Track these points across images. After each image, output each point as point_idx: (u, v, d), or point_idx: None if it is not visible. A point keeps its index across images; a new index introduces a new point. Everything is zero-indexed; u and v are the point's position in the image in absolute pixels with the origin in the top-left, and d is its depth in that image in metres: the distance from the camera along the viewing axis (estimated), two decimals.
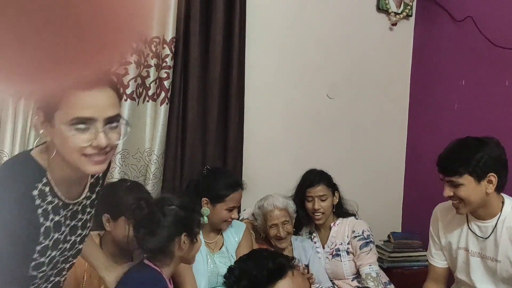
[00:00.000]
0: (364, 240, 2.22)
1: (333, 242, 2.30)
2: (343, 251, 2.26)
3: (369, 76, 2.92)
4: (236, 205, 2.10)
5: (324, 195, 2.29)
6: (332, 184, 2.34)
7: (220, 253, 2.09)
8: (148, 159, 2.33)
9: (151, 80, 2.30)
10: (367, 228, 2.27)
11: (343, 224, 2.31)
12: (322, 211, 2.28)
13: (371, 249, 2.22)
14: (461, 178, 1.76)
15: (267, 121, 2.66)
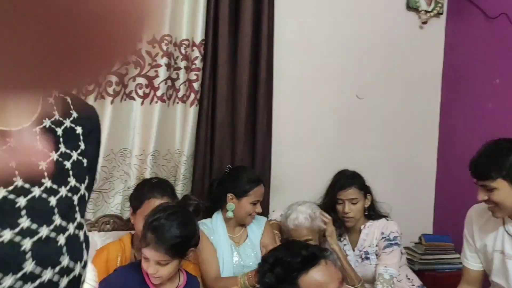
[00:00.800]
0: (389, 241, 2.16)
1: (363, 245, 2.25)
2: (372, 253, 2.21)
3: (399, 76, 2.88)
4: (259, 199, 2.16)
5: (355, 198, 2.23)
6: (364, 186, 2.28)
7: (245, 245, 2.19)
8: (178, 160, 2.37)
9: (181, 82, 2.33)
10: (396, 229, 2.21)
11: (374, 227, 2.26)
12: (352, 215, 2.23)
13: (392, 250, 2.14)
14: (494, 182, 1.72)
15: (295, 122, 2.66)
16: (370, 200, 2.29)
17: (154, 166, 2.30)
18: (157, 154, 2.31)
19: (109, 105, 2.19)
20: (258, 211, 2.17)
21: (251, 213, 2.15)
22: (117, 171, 2.28)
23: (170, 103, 2.34)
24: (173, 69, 2.32)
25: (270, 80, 2.48)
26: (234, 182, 2.19)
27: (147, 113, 2.27)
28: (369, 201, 2.28)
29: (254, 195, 2.14)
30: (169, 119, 2.34)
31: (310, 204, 2.31)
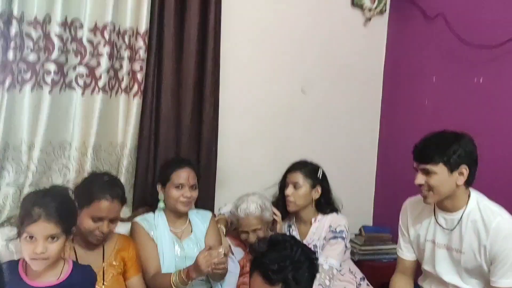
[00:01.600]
0: (334, 233, 2.21)
1: (312, 238, 2.28)
2: (319, 247, 2.24)
3: (343, 72, 2.95)
4: (184, 183, 2.10)
5: (297, 183, 2.25)
6: (313, 176, 2.28)
7: (188, 239, 2.16)
8: (120, 153, 2.31)
9: (124, 72, 2.27)
10: (344, 223, 2.24)
11: (324, 220, 2.28)
12: (292, 199, 2.25)
13: (336, 242, 2.18)
14: (436, 166, 1.81)
15: (242, 116, 2.67)
16: (319, 193, 2.29)
17: (95, 159, 2.24)
18: (99, 147, 2.25)
19: (47, 95, 2.10)
20: (187, 195, 2.10)
21: (177, 198, 2.10)
22: (56, 164, 2.19)
23: (113, 94, 2.28)
24: (116, 59, 2.26)
25: (216, 72, 2.46)
26: (160, 172, 2.22)
27: (88, 104, 2.20)
28: (318, 194, 2.29)
29: (176, 178, 2.10)
30: (111, 110, 2.27)
31: (261, 195, 2.33)
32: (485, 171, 1.98)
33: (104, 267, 1.91)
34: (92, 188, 1.84)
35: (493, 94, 2.48)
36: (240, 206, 2.25)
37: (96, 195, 1.81)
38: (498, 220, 1.80)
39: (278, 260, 1.30)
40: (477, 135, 1.92)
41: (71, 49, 2.16)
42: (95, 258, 1.91)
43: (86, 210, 1.80)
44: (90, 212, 1.80)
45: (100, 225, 1.81)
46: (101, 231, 1.81)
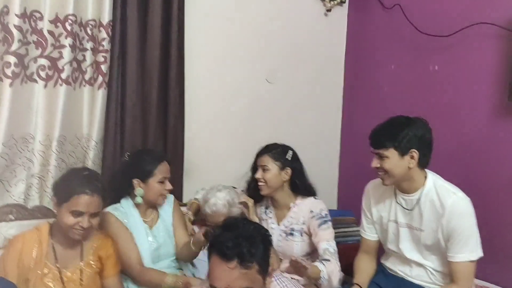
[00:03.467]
0: (323, 218, 2.21)
1: (290, 222, 2.27)
2: (297, 231, 2.24)
3: (306, 61, 3.01)
4: (166, 176, 2.13)
5: (266, 166, 2.23)
6: (281, 158, 2.26)
7: (157, 227, 2.18)
8: (86, 145, 2.30)
9: (88, 64, 2.25)
10: (324, 207, 2.26)
11: (303, 205, 2.27)
12: (262, 182, 2.24)
13: (328, 227, 2.19)
14: (387, 151, 1.92)
15: (208, 106, 2.68)
16: (289, 174, 2.26)
17: (61, 152, 2.21)
18: (63, 140, 2.22)
19: (7, 88, 2.06)
20: (169, 188, 2.14)
21: (161, 192, 2.13)
22: (19, 157, 2.15)
23: (77, 86, 2.25)
24: (79, 51, 2.23)
25: (181, 63, 2.47)
26: (136, 167, 2.13)
27: (51, 96, 2.17)
28: (287, 176, 2.26)
29: (160, 173, 2.11)
30: (75, 102, 2.25)
31: (230, 190, 2.35)
32: (441, 154, 2.09)
33: (82, 266, 1.89)
34: (71, 183, 1.81)
35: (447, 80, 2.59)
36: (208, 201, 2.27)
37: (75, 190, 1.77)
38: (454, 198, 1.91)
39: (232, 237, 1.35)
40: (433, 120, 2.02)
41: (32, 41, 2.12)
42: (73, 257, 1.89)
43: (65, 205, 1.77)
44: (70, 207, 1.77)
45: (80, 220, 1.77)
46: (82, 226, 1.78)
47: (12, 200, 2.14)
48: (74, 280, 1.86)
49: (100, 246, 1.94)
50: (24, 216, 2.10)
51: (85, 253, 1.90)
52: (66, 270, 1.87)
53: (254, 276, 1.35)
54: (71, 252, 1.88)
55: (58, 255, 1.85)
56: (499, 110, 2.36)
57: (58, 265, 1.85)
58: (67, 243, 1.87)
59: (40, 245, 1.83)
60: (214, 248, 1.37)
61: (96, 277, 1.93)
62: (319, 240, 2.17)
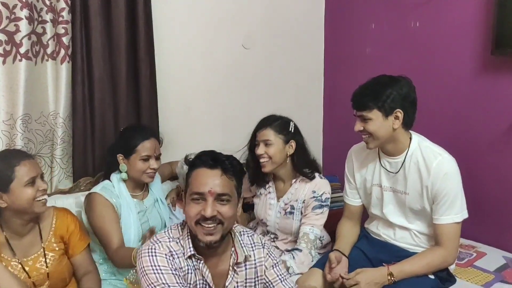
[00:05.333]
0: (320, 202, 2.12)
1: (290, 199, 2.18)
2: (297, 209, 2.16)
3: (284, 24, 2.90)
4: (150, 154, 2.06)
5: (269, 140, 2.09)
6: (285, 131, 2.12)
7: (147, 200, 2.16)
8: (53, 123, 2.19)
9: (49, 37, 2.11)
10: (328, 190, 2.15)
11: (304, 182, 2.17)
12: (265, 158, 2.10)
13: (322, 212, 2.11)
14: (370, 112, 1.84)
15: (181, 75, 2.57)
16: (294, 147, 2.13)
17: (26, 131, 2.10)
18: (28, 118, 2.10)
19: None
20: (153, 167, 2.07)
21: (144, 170, 2.06)
22: None
23: (38, 60, 2.12)
24: (38, 23, 2.09)
25: (149, 30, 2.33)
26: (121, 142, 2.10)
27: (11, 73, 2.04)
28: (292, 149, 2.13)
29: (143, 150, 2.05)
30: (38, 78, 2.12)
31: None
32: (424, 113, 2.01)
33: (45, 250, 1.79)
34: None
35: (429, 37, 2.51)
36: (184, 165, 2.18)
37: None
38: (439, 160, 1.85)
39: (212, 155, 1.51)
40: (415, 78, 1.94)
41: None
42: (32, 244, 1.78)
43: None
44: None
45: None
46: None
47: None
48: (37, 268, 1.76)
49: (59, 225, 1.83)
50: None
51: (45, 236, 1.80)
52: (27, 259, 1.75)
53: (232, 188, 1.50)
54: (28, 239, 1.77)
55: (14, 246, 1.73)
56: (483, 65, 2.29)
57: (17, 257, 1.73)
58: (22, 232, 1.75)
59: None
60: (200, 162, 1.50)
61: (62, 258, 1.83)
62: (305, 221, 2.12)
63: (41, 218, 1.80)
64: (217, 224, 1.46)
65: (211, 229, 1.45)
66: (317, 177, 2.18)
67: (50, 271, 1.78)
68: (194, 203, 1.46)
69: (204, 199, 1.45)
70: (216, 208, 1.45)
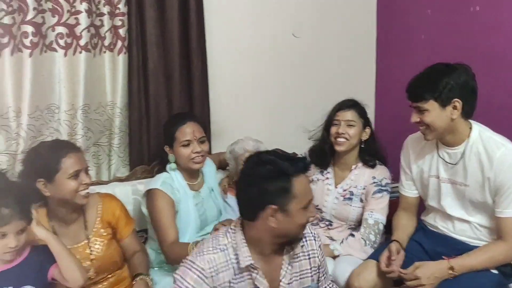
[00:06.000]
0: (380, 186, 2.12)
1: (349, 184, 2.18)
2: (356, 196, 2.16)
3: (335, 11, 2.84)
4: (190, 138, 1.99)
5: (352, 121, 2.14)
6: (364, 116, 2.18)
7: (203, 190, 2.12)
8: (111, 113, 2.26)
9: (106, 29, 2.18)
10: (388, 175, 2.16)
11: (364, 169, 2.18)
12: (346, 136, 2.12)
13: (382, 196, 2.11)
14: (427, 103, 1.78)
15: (231, 64, 2.58)
16: (369, 134, 2.18)
17: (86, 120, 2.18)
18: (88, 108, 2.19)
19: (27, 58, 2.03)
20: (196, 151, 1.99)
21: (188, 157, 2.00)
22: (46, 128, 2.14)
23: (96, 52, 2.19)
24: (96, 16, 2.16)
25: (201, 21, 2.36)
26: (164, 133, 2.08)
27: (72, 64, 2.12)
28: (367, 135, 2.18)
29: (181, 135, 1.99)
30: (97, 69, 2.20)
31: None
32: (485, 103, 1.93)
33: (90, 239, 1.82)
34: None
35: (489, 21, 2.38)
36: (236, 145, 2.25)
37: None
38: (502, 150, 1.77)
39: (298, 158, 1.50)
40: (475, 67, 1.85)
41: (47, 8, 2.06)
42: (78, 231, 1.81)
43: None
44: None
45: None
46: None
47: None
48: (85, 255, 1.79)
49: (105, 211, 1.86)
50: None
51: (90, 223, 1.83)
52: (75, 246, 1.79)
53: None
54: (75, 227, 1.81)
55: (60, 235, 1.75)
56: None
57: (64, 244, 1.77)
58: (68, 220, 1.79)
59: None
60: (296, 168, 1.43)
61: (111, 243, 1.86)
62: (365, 207, 2.13)
63: (87, 206, 1.82)
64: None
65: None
66: (377, 164, 2.19)
67: (100, 256, 1.81)
68: (304, 211, 1.46)
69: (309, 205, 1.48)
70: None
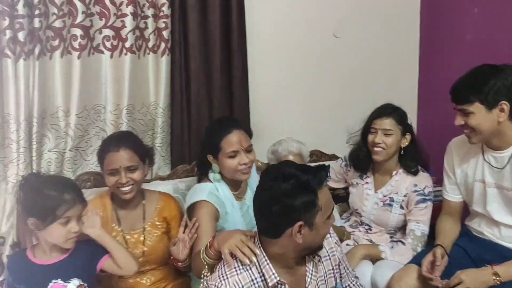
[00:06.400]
0: (423, 196, 2.07)
1: (390, 190, 2.14)
2: (397, 202, 2.12)
3: (377, 11, 2.80)
4: (237, 149, 1.85)
5: (389, 129, 2.07)
6: (403, 123, 2.10)
7: (246, 198, 2.01)
8: (154, 113, 2.32)
9: (150, 31, 2.24)
10: (431, 184, 2.11)
11: (406, 175, 2.13)
12: (383, 146, 2.07)
13: (426, 206, 2.06)
14: (472, 106, 1.73)
15: (271, 65, 2.59)
16: (409, 140, 2.10)
17: (130, 120, 2.25)
18: (132, 108, 2.25)
19: (76, 60, 2.11)
20: (244, 162, 1.86)
21: (235, 168, 1.86)
22: (93, 128, 2.22)
23: (141, 54, 2.26)
24: (140, 18, 2.22)
25: (242, 23, 2.38)
26: (206, 141, 1.96)
27: (118, 66, 2.19)
28: (407, 141, 2.10)
29: (227, 146, 1.84)
30: (141, 71, 2.26)
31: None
32: None
33: (145, 228, 1.94)
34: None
35: None
36: (280, 146, 2.24)
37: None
38: None
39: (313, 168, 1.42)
40: None
41: (95, 12, 2.14)
42: (136, 218, 1.95)
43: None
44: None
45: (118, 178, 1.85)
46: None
47: (89, 168, 2.23)
48: (138, 242, 1.92)
49: (163, 207, 1.98)
50: (100, 183, 2.17)
51: (148, 214, 1.96)
52: (132, 231, 1.93)
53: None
54: (134, 214, 1.94)
55: (121, 218, 1.92)
56: None
57: (122, 227, 1.92)
58: (128, 206, 1.92)
59: (105, 209, 1.92)
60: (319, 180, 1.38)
61: (163, 237, 1.97)
62: (410, 218, 2.08)
63: (147, 199, 1.95)
64: None
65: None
66: (420, 171, 2.13)
67: (151, 246, 1.93)
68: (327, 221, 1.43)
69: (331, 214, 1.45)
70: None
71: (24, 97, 1.98)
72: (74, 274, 1.67)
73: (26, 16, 1.94)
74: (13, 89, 1.96)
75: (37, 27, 1.98)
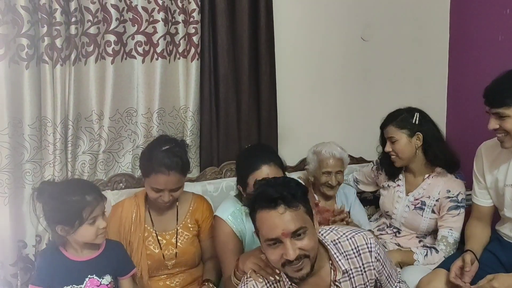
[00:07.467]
0: (456, 203, 2.05)
1: (421, 194, 2.14)
2: (429, 206, 2.11)
3: (405, 15, 2.78)
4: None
5: (392, 137, 2.09)
6: (407, 124, 2.09)
7: None
8: (184, 116, 2.37)
9: (180, 36, 2.29)
10: (464, 191, 2.10)
11: (439, 180, 2.12)
12: (393, 154, 2.10)
13: (459, 213, 2.04)
14: (509, 109, 1.71)
15: (299, 69, 2.61)
16: (421, 140, 2.08)
17: (161, 123, 2.31)
18: (163, 112, 2.31)
19: (110, 65, 2.18)
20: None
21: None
22: (125, 130, 2.29)
23: (171, 59, 2.31)
24: (171, 24, 2.28)
25: (270, 27, 2.41)
26: (236, 172, 1.95)
27: (149, 70, 2.26)
28: (419, 141, 2.09)
29: (252, 182, 1.65)
30: (171, 75, 2.32)
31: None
32: None
33: (178, 230, 1.99)
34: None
35: None
36: (324, 148, 2.22)
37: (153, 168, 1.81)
38: None
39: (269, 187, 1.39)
40: None
41: (128, 18, 2.20)
42: (169, 221, 2.00)
43: (147, 180, 1.86)
44: (150, 183, 1.85)
45: (161, 194, 1.86)
46: (163, 200, 1.87)
47: (121, 170, 2.30)
48: (171, 243, 1.96)
49: (195, 209, 2.03)
50: (132, 184, 2.25)
51: (181, 216, 2.00)
52: (164, 232, 1.98)
53: (303, 216, 1.38)
54: (167, 215, 1.99)
55: (154, 219, 1.97)
56: None
57: (155, 228, 1.97)
58: (163, 208, 1.96)
59: (138, 209, 1.97)
60: (258, 204, 1.39)
61: (195, 240, 2.01)
62: (442, 224, 2.07)
63: (180, 200, 2.00)
64: (303, 258, 1.38)
65: (299, 266, 1.38)
66: (451, 176, 2.12)
67: (182, 248, 1.97)
68: (271, 248, 1.38)
69: (280, 242, 1.36)
70: (296, 245, 1.35)
71: (61, 101, 2.06)
72: (106, 270, 1.72)
73: (63, 23, 2.03)
74: (50, 93, 2.05)
75: (73, 33, 2.06)
